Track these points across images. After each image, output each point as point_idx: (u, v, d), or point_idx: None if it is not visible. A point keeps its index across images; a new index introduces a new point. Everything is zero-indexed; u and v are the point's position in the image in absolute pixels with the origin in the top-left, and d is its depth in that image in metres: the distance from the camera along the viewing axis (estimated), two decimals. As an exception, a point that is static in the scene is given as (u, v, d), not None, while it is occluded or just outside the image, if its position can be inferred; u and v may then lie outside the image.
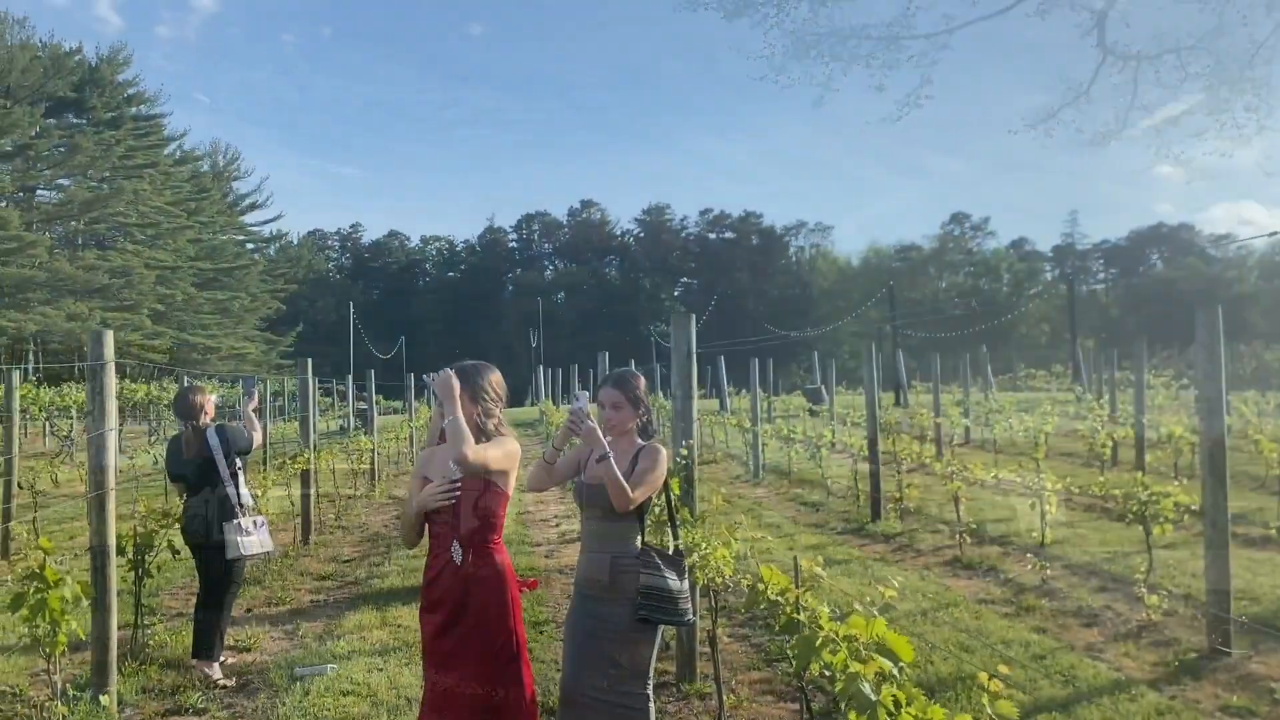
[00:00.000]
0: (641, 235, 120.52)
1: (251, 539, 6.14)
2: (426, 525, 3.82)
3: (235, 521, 6.10)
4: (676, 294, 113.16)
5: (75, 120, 62.54)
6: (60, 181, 61.72)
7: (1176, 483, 7.92)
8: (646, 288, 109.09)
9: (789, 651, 3.48)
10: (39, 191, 61.45)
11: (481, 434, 3.76)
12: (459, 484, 3.65)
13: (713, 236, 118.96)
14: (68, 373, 34.88)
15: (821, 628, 3.23)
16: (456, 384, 3.64)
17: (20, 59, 56.69)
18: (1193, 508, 7.04)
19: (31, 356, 54.09)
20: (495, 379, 3.87)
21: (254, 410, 6.90)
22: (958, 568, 9.11)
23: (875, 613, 3.01)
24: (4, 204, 52.15)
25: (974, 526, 10.20)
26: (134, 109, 68.82)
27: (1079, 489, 10.35)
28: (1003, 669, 2.60)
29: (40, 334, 50.00)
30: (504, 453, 3.77)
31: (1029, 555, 8.72)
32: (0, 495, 11.47)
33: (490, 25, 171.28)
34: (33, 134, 55.52)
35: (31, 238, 51.41)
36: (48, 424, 27.82)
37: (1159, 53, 20.02)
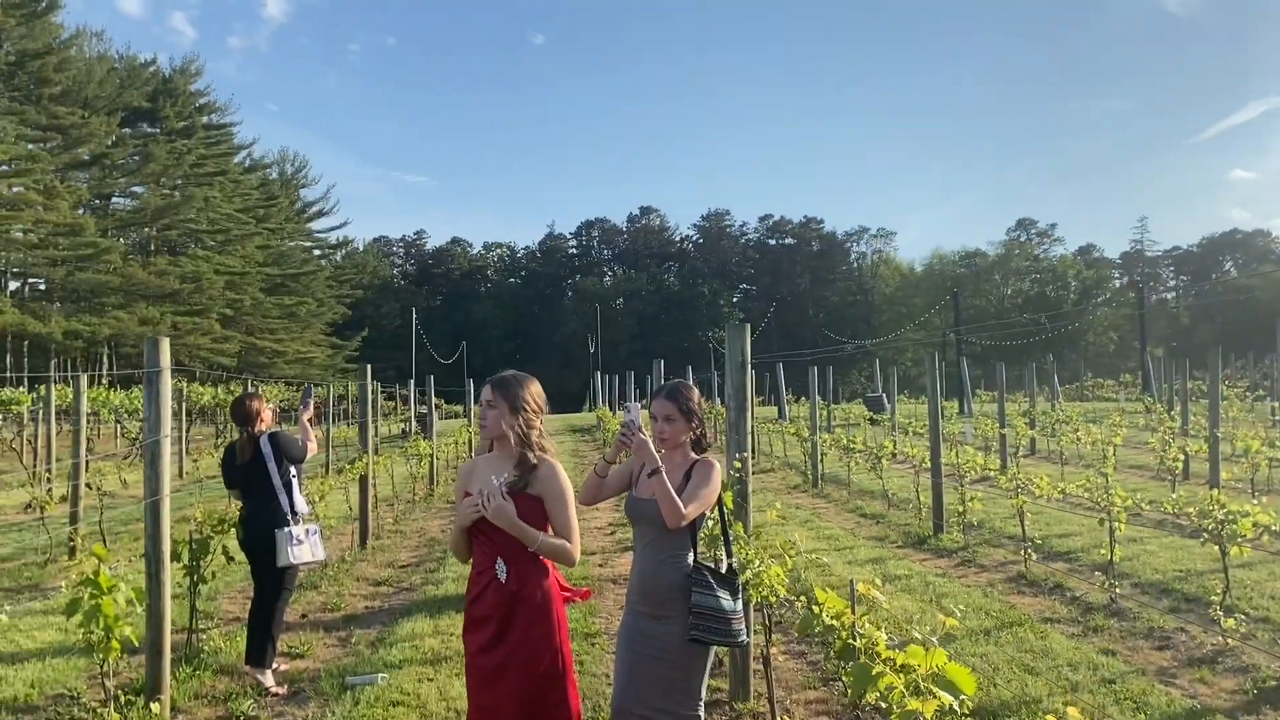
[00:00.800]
0: (701, 241, 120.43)
1: (302, 548, 6.13)
2: (472, 540, 3.75)
3: (287, 530, 6.10)
4: (735, 300, 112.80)
5: (149, 129, 64.27)
6: (134, 189, 63.49)
7: (1254, 500, 7.57)
8: (705, 294, 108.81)
9: (844, 678, 3.35)
10: (114, 199, 63.21)
11: (526, 446, 3.68)
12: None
13: (772, 242, 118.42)
14: (139, 376, 35.70)
15: (879, 655, 3.08)
16: (512, 507, 3.53)
17: (98, 70, 58.45)
18: (1273, 527, 6.72)
19: (105, 360, 55.58)
20: (535, 390, 3.77)
21: (308, 420, 6.90)
22: (1022, 584, 8.84)
23: (935, 641, 2.87)
24: (81, 211, 53.60)
25: (1039, 542, 9.90)
26: (205, 118, 70.56)
27: (1149, 504, 9.99)
28: (1073, 713, 2.41)
29: (114, 338, 51.28)
30: (570, 496, 3.71)
31: (1097, 573, 8.43)
32: (69, 497, 11.73)
33: (551, 34, 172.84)
34: (109, 143, 57.13)
35: (106, 244, 52.86)
36: (118, 426, 28.51)
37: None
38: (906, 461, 15.80)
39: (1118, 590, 7.97)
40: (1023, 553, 9.39)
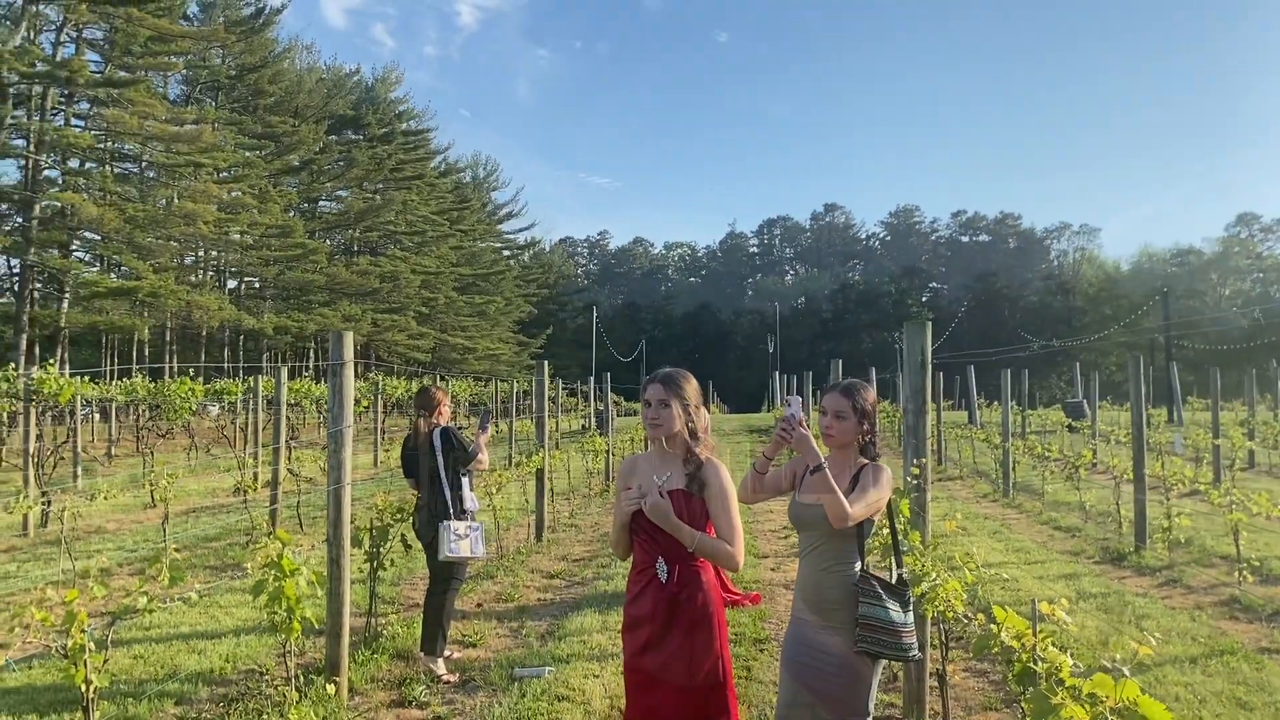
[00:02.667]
0: (887, 238, 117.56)
1: (462, 543, 6.21)
2: (633, 538, 3.67)
3: (449, 523, 6.20)
4: (924, 299, 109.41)
5: (353, 136, 67.88)
6: (339, 193, 67.23)
7: None
8: (892, 293, 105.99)
9: (1024, 706, 3.07)
10: (320, 202, 67.15)
11: (695, 442, 3.58)
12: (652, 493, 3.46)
13: (965, 239, 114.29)
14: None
15: (1062, 682, 2.79)
16: (668, 504, 3.45)
17: (307, 81, 62.31)
18: None
19: (311, 354, 59.24)
20: (695, 386, 3.70)
21: (485, 441, 6.93)
22: (1235, 609, 8.09)
23: (1125, 671, 2.56)
24: (291, 214, 57.16)
25: (1256, 563, 9.04)
26: (404, 124, 73.99)
27: (1391, 527, 8.98)
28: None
29: (319, 333, 54.47)
30: (733, 497, 3.58)
31: (1326, 601, 7.60)
32: (270, 482, 12.47)
33: (735, 31, 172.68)
34: (316, 150, 60.66)
35: (313, 245, 56.09)
36: (320, 416, 30.28)
37: None
38: (1106, 472, 14.84)
39: (1350, 621, 7.16)
40: (1237, 574, 8.60)
